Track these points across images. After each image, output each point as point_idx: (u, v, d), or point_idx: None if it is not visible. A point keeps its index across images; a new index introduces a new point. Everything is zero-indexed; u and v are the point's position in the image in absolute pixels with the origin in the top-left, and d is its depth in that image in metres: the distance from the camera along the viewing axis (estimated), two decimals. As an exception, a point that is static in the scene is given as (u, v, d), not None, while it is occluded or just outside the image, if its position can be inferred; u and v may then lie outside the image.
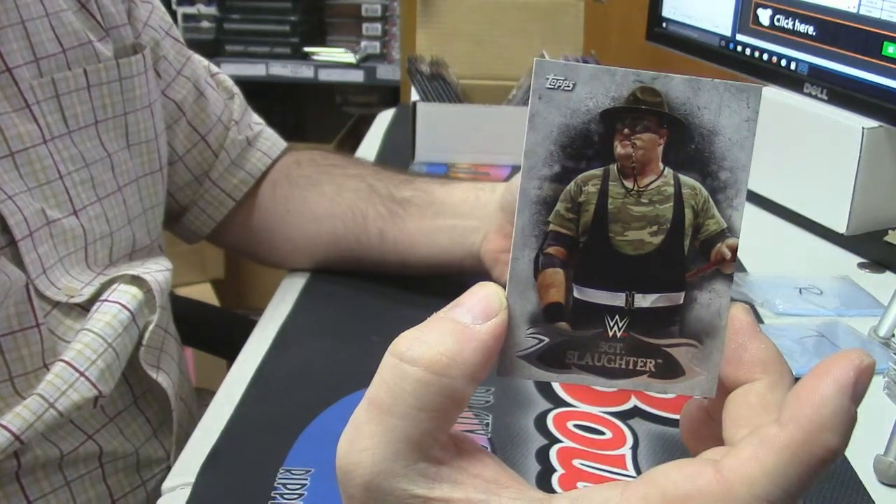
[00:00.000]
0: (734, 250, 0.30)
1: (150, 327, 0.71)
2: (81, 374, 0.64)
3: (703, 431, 0.32)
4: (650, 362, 0.30)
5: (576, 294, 0.30)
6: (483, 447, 0.30)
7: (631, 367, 0.30)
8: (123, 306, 0.68)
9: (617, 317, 0.30)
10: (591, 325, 0.30)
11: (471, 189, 0.81)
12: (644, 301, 0.30)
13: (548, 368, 0.30)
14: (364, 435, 0.28)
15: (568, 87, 0.29)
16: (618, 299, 0.30)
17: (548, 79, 0.29)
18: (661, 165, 0.30)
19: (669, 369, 0.30)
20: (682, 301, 0.30)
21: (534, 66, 0.29)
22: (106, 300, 0.68)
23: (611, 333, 0.30)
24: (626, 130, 0.29)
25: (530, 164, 0.29)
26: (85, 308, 0.68)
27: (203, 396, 0.88)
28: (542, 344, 0.30)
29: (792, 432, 0.26)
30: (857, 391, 0.27)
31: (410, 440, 0.27)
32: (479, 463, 0.29)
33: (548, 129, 0.29)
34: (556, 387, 0.69)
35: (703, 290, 0.30)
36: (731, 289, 0.30)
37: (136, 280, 0.71)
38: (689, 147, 0.29)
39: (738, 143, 0.29)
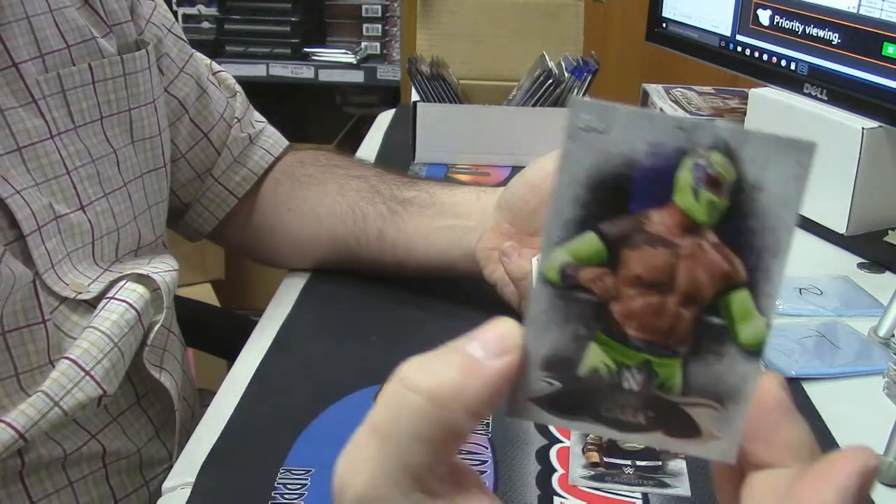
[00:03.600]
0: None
1: (156, 327, 0.71)
2: (87, 372, 0.64)
3: (735, 491, 0.29)
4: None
5: None
6: (481, 481, 0.29)
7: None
8: (130, 305, 0.69)
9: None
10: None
11: (472, 191, 0.81)
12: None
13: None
14: (362, 457, 0.27)
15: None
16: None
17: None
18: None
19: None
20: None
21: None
22: (113, 298, 0.68)
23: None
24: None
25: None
26: (92, 305, 0.68)
27: (204, 396, 0.88)
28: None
29: None
30: (861, 497, 0.25)
31: (407, 469, 0.27)
32: (474, 500, 0.28)
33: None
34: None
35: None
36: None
37: (143, 279, 0.71)
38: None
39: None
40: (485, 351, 0.27)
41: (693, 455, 0.29)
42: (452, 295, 0.82)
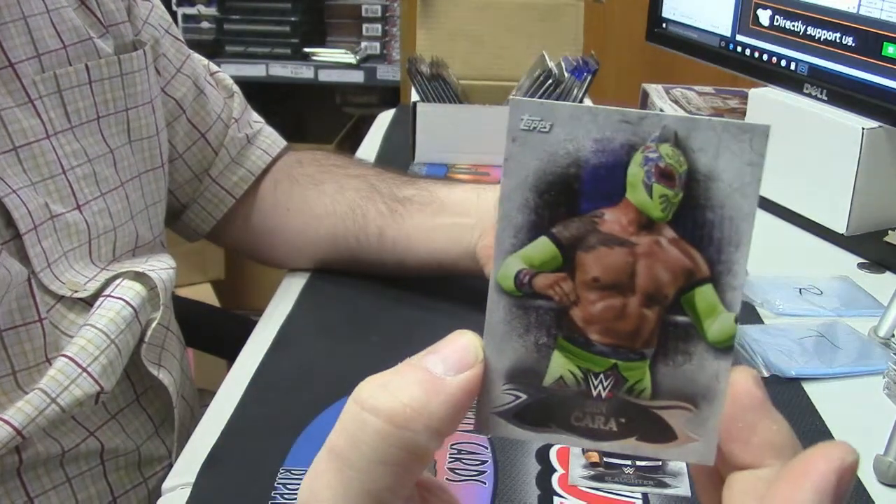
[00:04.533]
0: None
1: (153, 325, 0.71)
2: (84, 369, 0.65)
3: (717, 487, 0.29)
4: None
5: None
6: (452, 498, 0.28)
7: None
8: (127, 302, 0.69)
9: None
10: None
11: (472, 189, 0.81)
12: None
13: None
14: (322, 484, 0.26)
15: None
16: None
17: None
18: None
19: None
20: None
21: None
22: (109, 296, 0.68)
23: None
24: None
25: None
26: (88, 303, 0.68)
27: (203, 396, 0.88)
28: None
29: None
30: (839, 496, 0.24)
31: (370, 494, 0.25)
32: None
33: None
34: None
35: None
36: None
37: (140, 276, 0.71)
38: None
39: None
40: (445, 366, 0.26)
41: (671, 459, 0.28)
42: (452, 294, 0.82)
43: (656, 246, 0.27)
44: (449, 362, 0.26)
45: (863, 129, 0.93)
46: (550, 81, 1.15)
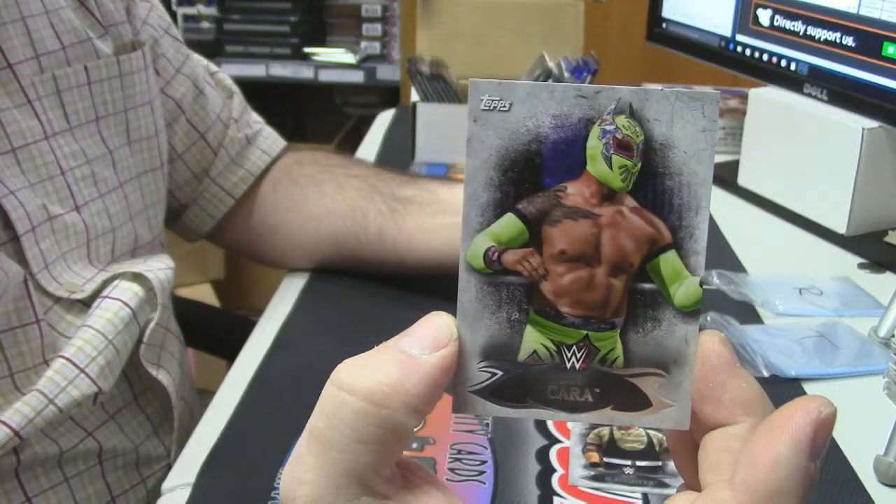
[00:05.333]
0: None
1: (151, 325, 0.71)
2: (81, 370, 0.64)
3: (690, 455, 0.29)
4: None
5: None
6: (433, 477, 0.29)
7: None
8: (125, 303, 0.69)
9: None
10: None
11: None
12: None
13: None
14: (304, 467, 0.26)
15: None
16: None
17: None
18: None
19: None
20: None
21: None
22: (107, 297, 0.68)
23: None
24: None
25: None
26: (86, 304, 0.68)
27: (203, 396, 0.88)
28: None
29: (743, 499, 0.25)
30: (816, 447, 0.25)
31: (351, 474, 0.26)
32: (425, 496, 0.28)
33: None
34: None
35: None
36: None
37: (138, 277, 0.71)
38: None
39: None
40: (420, 346, 0.27)
41: (646, 427, 0.29)
42: (452, 294, 0.82)
43: (619, 216, 0.28)
44: (424, 342, 0.27)
45: (863, 129, 0.93)
46: (550, 81, 1.15)
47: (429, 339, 0.27)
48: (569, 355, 0.28)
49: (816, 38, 0.99)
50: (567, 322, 0.28)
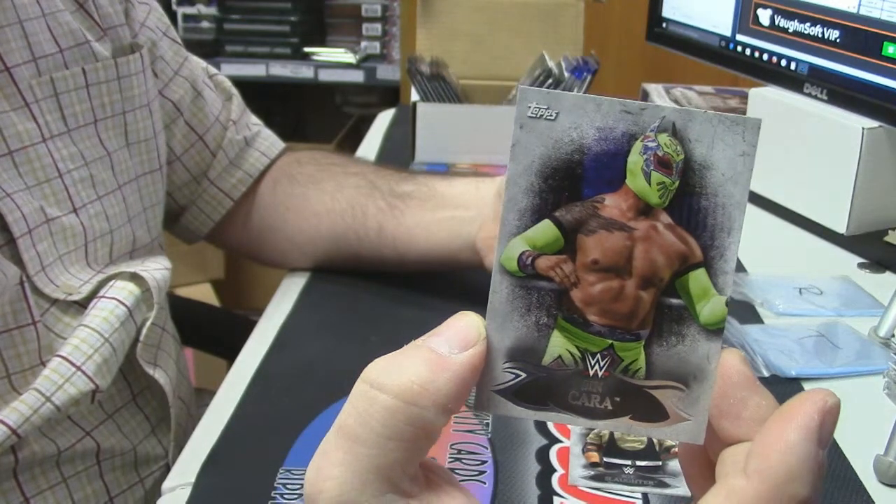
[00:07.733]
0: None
1: (147, 324, 0.71)
2: (78, 368, 0.64)
3: (703, 473, 0.30)
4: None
5: None
6: (453, 478, 0.29)
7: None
8: (120, 302, 0.69)
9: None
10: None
11: (471, 182, 0.81)
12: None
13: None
14: (331, 462, 0.27)
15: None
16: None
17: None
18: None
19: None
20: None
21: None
22: (103, 296, 0.68)
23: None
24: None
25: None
26: (83, 305, 0.68)
27: (203, 396, 0.88)
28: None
29: (757, 486, 0.25)
30: (824, 435, 0.26)
31: (378, 470, 0.26)
32: (447, 497, 0.28)
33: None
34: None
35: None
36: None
37: (135, 277, 0.71)
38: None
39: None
40: (449, 346, 0.27)
41: (663, 438, 0.29)
42: (452, 294, 0.82)
43: (653, 231, 0.28)
44: (453, 342, 0.28)
45: (863, 129, 0.93)
46: (550, 81, 1.15)
47: (458, 339, 0.28)
48: (592, 363, 0.29)
49: (816, 37, 0.99)
50: (594, 330, 0.29)
